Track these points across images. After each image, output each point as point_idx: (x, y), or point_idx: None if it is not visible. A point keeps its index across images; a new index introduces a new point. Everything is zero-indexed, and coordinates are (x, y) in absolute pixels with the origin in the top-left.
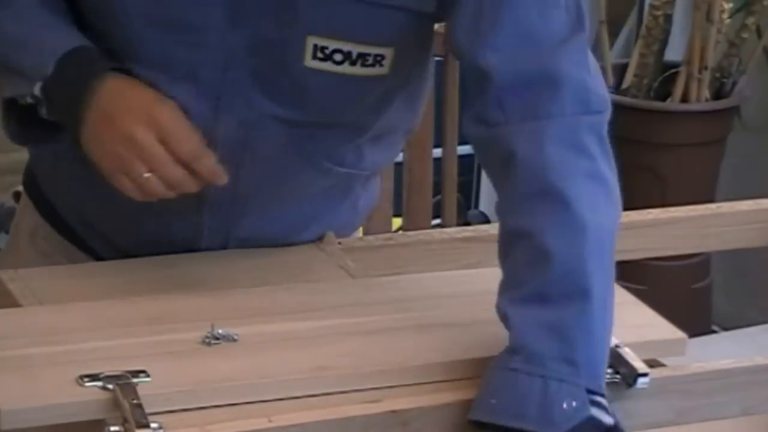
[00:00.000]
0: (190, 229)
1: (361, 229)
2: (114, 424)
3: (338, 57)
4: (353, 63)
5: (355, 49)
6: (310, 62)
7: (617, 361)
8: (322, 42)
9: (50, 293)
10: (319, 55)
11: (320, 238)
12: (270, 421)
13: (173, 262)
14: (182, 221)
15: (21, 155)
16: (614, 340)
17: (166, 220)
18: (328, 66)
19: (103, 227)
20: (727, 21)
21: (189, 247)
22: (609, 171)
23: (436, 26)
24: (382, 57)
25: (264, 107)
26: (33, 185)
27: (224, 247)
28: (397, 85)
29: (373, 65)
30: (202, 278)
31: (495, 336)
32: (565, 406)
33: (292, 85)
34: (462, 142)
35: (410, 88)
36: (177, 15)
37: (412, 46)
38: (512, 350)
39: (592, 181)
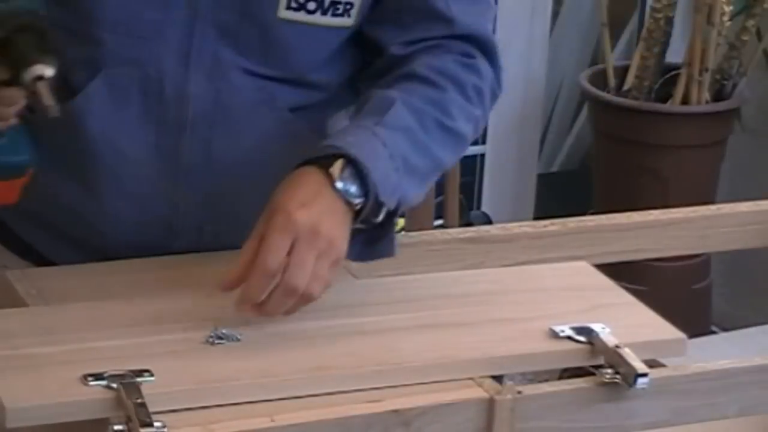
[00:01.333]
0: (168, 207)
1: None
2: (118, 423)
3: (312, 6)
4: (324, 12)
5: None
6: (283, 12)
7: (617, 361)
8: None
9: (56, 293)
10: (293, 4)
11: None
12: (272, 421)
13: (177, 263)
14: (159, 197)
15: None
16: (614, 340)
17: (143, 197)
18: (300, 16)
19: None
20: (728, 23)
21: (166, 230)
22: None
23: None
24: (351, 6)
25: (232, 60)
26: None
27: (200, 229)
28: (353, 42)
29: (342, 14)
30: (206, 278)
31: (496, 336)
32: (392, 187)
33: (261, 37)
34: None
35: (361, 51)
36: None
37: None
38: (380, 122)
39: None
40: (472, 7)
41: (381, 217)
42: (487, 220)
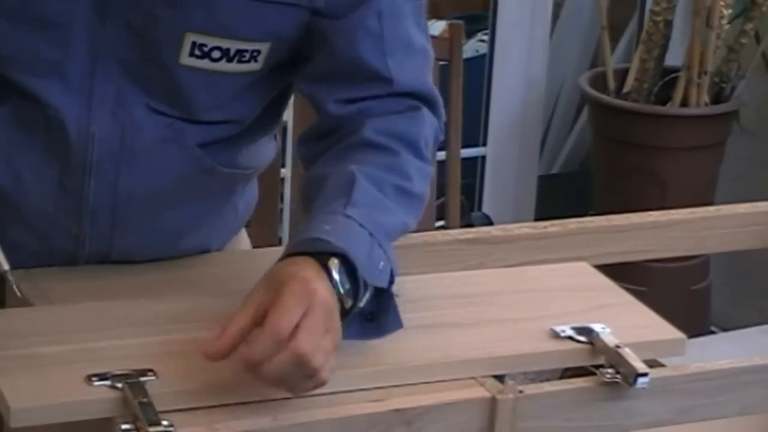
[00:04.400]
0: (71, 241)
1: None
2: (124, 423)
3: (216, 54)
4: (230, 60)
5: (234, 45)
6: (186, 60)
7: (618, 361)
8: (201, 39)
9: (59, 293)
10: (197, 52)
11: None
12: (275, 420)
13: (182, 264)
14: (61, 232)
15: None
16: (615, 340)
17: (45, 230)
18: (204, 64)
19: None
20: (727, 27)
21: (69, 259)
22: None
23: (438, 32)
24: (259, 52)
25: (136, 97)
26: None
27: (107, 259)
28: (264, 80)
29: (248, 61)
30: (210, 279)
31: (498, 336)
32: (381, 266)
33: (163, 79)
34: (465, 145)
35: (276, 85)
36: (41, 11)
37: (286, 40)
38: (349, 203)
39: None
40: (409, 63)
41: (367, 296)
42: (488, 221)
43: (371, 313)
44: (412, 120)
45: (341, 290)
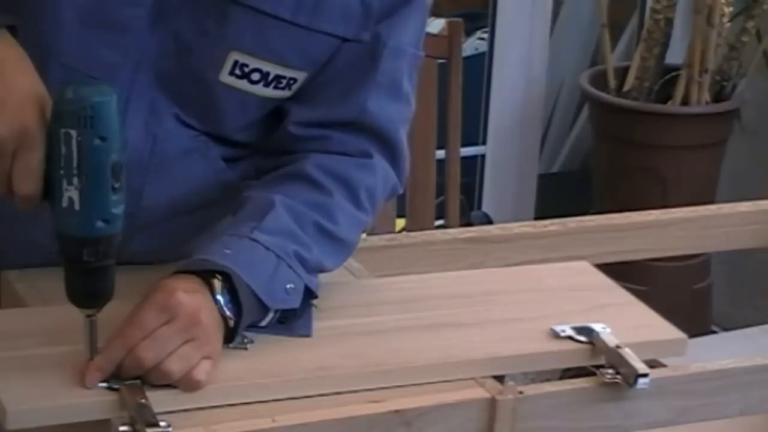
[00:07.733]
0: None
1: None
2: (122, 424)
3: (255, 77)
4: (267, 84)
5: (275, 70)
6: (225, 78)
7: (618, 361)
8: (243, 59)
9: (55, 293)
10: (237, 72)
11: None
12: (274, 421)
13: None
14: None
15: None
16: (615, 340)
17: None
18: (241, 84)
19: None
20: (728, 25)
21: None
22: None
23: (437, 30)
24: (295, 81)
25: (167, 107)
26: None
27: (117, 261)
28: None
29: (283, 88)
30: None
31: (498, 336)
32: (288, 287)
33: (197, 94)
34: (465, 144)
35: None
36: (112, 14)
37: (317, 68)
38: (258, 228)
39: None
40: (388, 104)
41: (269, 318)
42: (488, 221)
43: (285, 317)
44: (360, 167)
45: (225, 310)
